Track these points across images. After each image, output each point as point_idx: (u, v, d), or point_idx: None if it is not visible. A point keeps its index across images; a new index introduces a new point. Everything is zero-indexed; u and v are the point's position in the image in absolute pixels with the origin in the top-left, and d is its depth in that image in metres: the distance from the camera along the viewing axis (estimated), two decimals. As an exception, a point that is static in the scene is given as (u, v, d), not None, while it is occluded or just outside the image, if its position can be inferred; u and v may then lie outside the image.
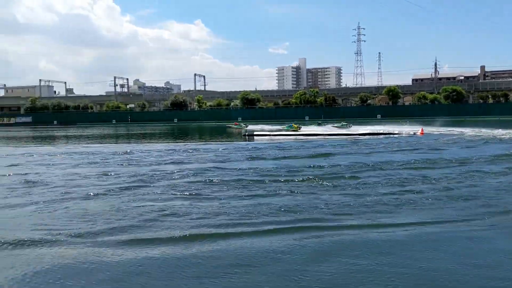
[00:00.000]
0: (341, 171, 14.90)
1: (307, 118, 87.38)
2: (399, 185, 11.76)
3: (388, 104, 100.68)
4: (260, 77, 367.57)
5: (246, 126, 59.86)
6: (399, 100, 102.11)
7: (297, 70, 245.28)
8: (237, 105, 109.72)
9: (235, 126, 62.73)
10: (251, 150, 24.29)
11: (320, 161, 18.19)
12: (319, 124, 52.13)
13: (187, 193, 11.06)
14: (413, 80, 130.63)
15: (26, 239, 7.21)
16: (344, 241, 7.09)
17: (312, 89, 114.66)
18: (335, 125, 51.46)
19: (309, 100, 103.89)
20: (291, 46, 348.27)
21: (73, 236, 7.38)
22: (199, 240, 7.17)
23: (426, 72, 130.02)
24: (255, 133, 40.32)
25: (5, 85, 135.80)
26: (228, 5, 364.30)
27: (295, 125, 47.51)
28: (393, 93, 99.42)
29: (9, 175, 15.47)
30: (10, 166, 18.35)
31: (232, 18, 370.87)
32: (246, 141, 34.71)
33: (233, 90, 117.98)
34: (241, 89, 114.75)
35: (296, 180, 12.88)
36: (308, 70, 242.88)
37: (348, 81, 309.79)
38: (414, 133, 36.81)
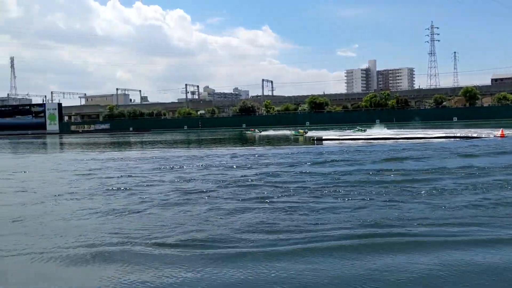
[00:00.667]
0: (419, 176, 14.06)
1: (377, 121, 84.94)
2: (494, 192, 10.74)
3: (465, 106, 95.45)
4: (328, 80, 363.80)
5: (260, 132, 65.24)
6: (477, 101, 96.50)
7: (366, 72, 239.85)
8: (304, 109, 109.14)
9: (250, 132, 68.21)
10: (321, 154, 23.92)
11: (394, 165, 17.40)
12: (361, 130, 52.11)
13: (272, 202, 10.72)
14: (492, 80, 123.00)
15: (103, 245, 7.28)
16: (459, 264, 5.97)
17: (382, 92, 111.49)
18: (351, 130, 53.45)
19: (380, 103, 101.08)
20: (360, 48, 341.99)
21: (149, 245, 7.20)
22: (289, 256, 6.49)
23: (507, 72, 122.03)
24: (323, 137, 40.06)
25: (85, 94, 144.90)
26: (296, 10, 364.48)
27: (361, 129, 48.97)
28: (470, 94, 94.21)
29: (91, 179, 16.21)
30: (92, 170, 19.30)
31: (299, 22, 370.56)
32: (314, 145, 34.46)
33: (300, 94, 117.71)
34: (309, 93, 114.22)
35: (373, 187, 12.28)
36: (379, 72, 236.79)
37: (421, 83, 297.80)
38: (494, 136, 34.38)
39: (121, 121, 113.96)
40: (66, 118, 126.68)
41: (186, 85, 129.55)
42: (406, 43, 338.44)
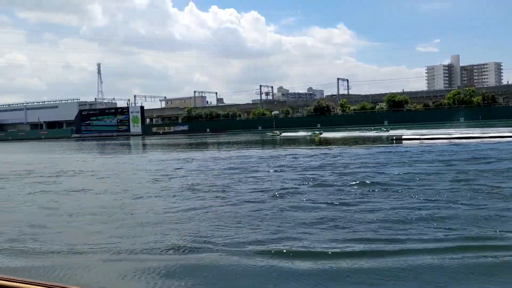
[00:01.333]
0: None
1: (462, 119, 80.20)
2: None
3: None
4: (407, 77, 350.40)
5: (280, 134, 69.15)
6: None
7: (449, 68, 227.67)
8: (382, 108, 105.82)
9: (272, 133, 71.68)
10: (403, 154, 23.01)
11: (481, 166, 16.28)
12: (385, 130, 52.56)
13: (348, 200, 10.54)
14: None
15: (181, 245, 7.37)
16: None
17: (467, 88, 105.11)
18: (373, 130, 54.49)
19: (464, 100, 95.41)
20: (442, 43, 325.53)
21: (226, 245, 7.19)
22: (350, 256, 6.41)
23: None
24: (403, 136, 38.66)
25: (165, 97, 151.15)
26: (372, 6, 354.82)
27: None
28: None
29: (173, 178, 16.78)
30: (175, 169, 20.01)
31: (376, 18, 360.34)
32: (393, 144, 33.23)
33: (378, 92, 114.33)
34: (387, 91, 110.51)
35: (456, 187, 11.52)
36: (462, 68, 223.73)
37: (510, 78, 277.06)
38: None
39: (198, 123, 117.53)
40: (148, 120, 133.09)
41: (260, 86, 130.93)
42: (492, 36, 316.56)
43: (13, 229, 9.12)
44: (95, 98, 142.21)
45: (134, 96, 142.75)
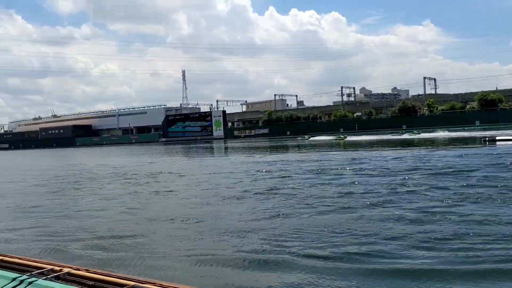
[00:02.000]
0: None
1: None
2: None
3: None
4: (502, 74, 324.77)
5: (308, 138, 72.29)
6: None
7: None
8: (473, 107, 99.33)
9: (300, 138, 74.89)
10: (499, 156, 21.34)
11: None
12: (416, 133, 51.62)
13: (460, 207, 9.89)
14: None
15: (260, 250, 7.33)
16: None
17: None
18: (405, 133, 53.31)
19: None
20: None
21: (310, 256, 6.90)
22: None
23: None
24: (497, 138, 35.97)
25: (246, 101, 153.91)
26: (461, 0, 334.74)
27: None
28: None
29: (257, 180, 16.95)
30: (258, 171, 20.23)
31: (465, 13, 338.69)
32: (486, 146, 31.11)
33: (468, 91, 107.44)
34: (478, 90, 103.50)
35: None
36: None
37: None
38: None
39: (278, 126, 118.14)
40: (229, 124, 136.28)
41: (341, 87, 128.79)
42: None
43: (107, 226, 9.72)
44: (181, 104, 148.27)
45: (217, 100, 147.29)
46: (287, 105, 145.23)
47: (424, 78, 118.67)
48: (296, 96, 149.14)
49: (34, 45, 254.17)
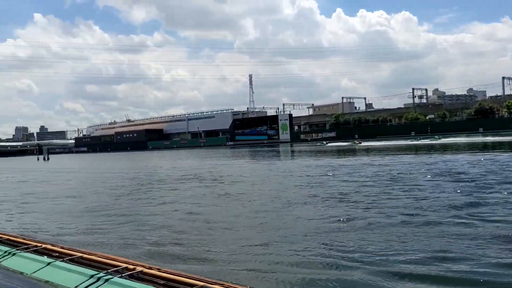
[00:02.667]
0: None
1: None
2: None
3: None
4: None
5: (326, 144, 74.58)
6: None
7: None
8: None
9: (320, 144, 77.18)
10: None
11: None
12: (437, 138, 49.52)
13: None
14: None
15: (325, 255, 7.17)
16: None
17: None
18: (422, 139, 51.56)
19: None
20: None
21: (373, 263, 6.68)
22: None
23: None
24: None
25: (313, 104, 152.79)
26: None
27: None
28: None
29: (322, 184, 16.73)
30: (325, 175, 19.98)
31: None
32: None
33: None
34: None
35: None
36: None
37: None
38: None
39: (346, 129, 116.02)
40: (296, 127, 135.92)
41: (413, 89, 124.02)
42: None
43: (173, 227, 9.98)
44: (247, 108, 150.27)
45: (283, 104, 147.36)
46: (355, 107, 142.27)
47: (503, 78, 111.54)
48: (365, 98, 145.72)
49: (110, 54, 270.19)
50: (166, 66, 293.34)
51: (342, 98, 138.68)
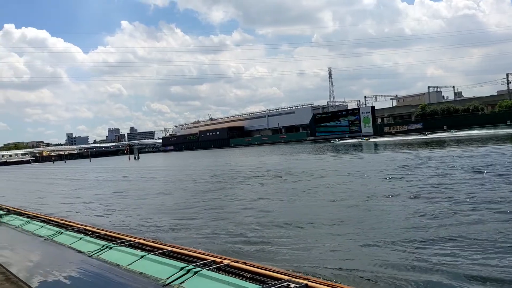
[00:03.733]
0: None
1: None
2: None
3: None
4: None
5: (368, 139, 74.44)
6: None
7: None
8: None
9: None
10: None
11: None
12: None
13: None
14: None
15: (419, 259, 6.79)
16: None
17: None
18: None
19: None
20: None
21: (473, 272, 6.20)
22: None
23: None
24: None
25: (396, 95, 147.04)
26: None
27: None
28: None
29: (410, 177, 16.01)
30: (408, 169, 19.15)
31: None
32: None
33: None
34: None
35: None
36: None
37: None
38: None
39: (434, 120, 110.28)
40: (379, 120, 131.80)
41: (507, 74, 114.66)
42: None
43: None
44: (327, 102, 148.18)
45: (365, 96, 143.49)
46: (443, 97, 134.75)
47: None
48: (453, 87, 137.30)
49: (192, 55, 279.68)
50: (245, 64, 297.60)
51: (428, 87, 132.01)
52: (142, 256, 7.67)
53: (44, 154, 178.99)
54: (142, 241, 8.86)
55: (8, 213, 15.84)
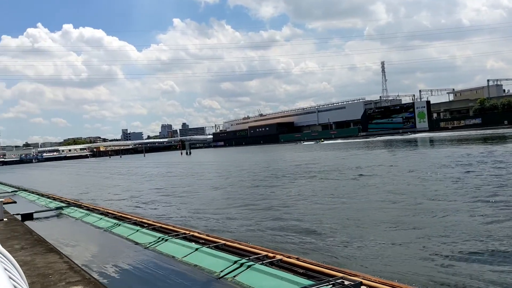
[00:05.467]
0: None
1: None
2: None
3: None
4: None
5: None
6: None
7: None
8: None
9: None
10: None
11: None
12: None
13: None
14: None
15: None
16: None
17: None
18: None
19: None
20: None
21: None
22: None
23: None
24: None
25: (453, 89, 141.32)
26: None
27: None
28: None
29: (471, 175, 15.37)
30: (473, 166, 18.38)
31: None
32: None
33: None
34: None
35: None
36: None
37: None
38: None
39: (494, 115, 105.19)
40: (434, 115, 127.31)
41: None
42: None
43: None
44: (380, 96, 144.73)
45: (419, 91, 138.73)
46: (503, 91, 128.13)
47: None
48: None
49: (242, 51, 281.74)
50: (295, 59, 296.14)
51: (488, 81, 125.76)
52: (196, 249, 7.83)
53: (101, 149, 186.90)
54: (196, 234, 9.05)
55: (69, 205, 16.69)
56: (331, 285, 5.04)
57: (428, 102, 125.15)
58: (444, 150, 32.98)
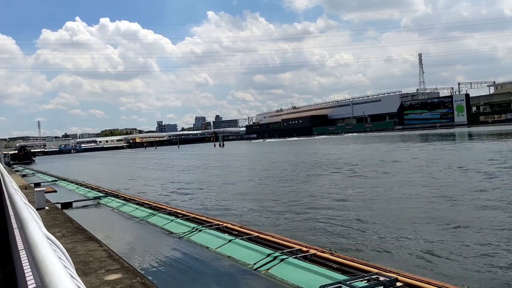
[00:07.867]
0: None
1: None
2: None
3: None
4: None
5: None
6: None
7: None
8: None
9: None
10: None
11: None
12: None
13: None
14: None
15: None
16: None
17: None
18: None
19: None
20: None
21: None
22: None
23: None
24: None
25: (494, 82, 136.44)
26: None
27: None
28: None
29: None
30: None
31: None
32: None
33: None
34: None
35: None
36: None
37: None
38: None
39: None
40: (474, 108, 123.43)
41: None
42: None
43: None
44: (417, 89, 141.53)
45: (458, 83, 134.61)
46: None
47: None
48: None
49: (275, 43, 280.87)
50: (330, 51, 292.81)
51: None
52: (230, 240, 7.91)
53: (137, 140, 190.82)
54: (229, 225, 9.14)
55: (106, 195, 17.18)
56: (366, 281, 5.00)
57: (467, 95, 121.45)
58: (493, 145, 31.98)
